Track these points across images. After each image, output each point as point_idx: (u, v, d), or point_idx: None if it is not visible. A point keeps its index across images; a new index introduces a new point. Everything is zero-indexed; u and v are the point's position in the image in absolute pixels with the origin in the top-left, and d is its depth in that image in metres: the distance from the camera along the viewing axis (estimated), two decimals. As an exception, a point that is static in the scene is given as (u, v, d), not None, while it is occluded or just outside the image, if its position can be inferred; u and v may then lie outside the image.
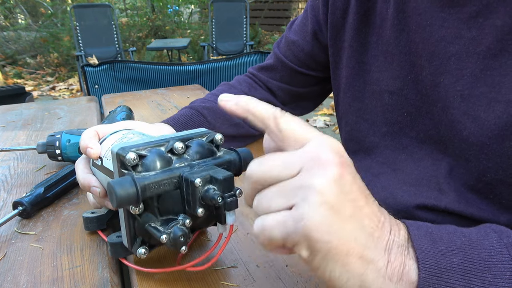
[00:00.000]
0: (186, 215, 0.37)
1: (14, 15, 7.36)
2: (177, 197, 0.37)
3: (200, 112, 0.65)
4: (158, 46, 4.91)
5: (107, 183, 0.33)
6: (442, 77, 0.47)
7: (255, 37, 6.72)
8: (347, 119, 0.63)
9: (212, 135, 0.40)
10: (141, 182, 0.33)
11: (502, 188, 0.45)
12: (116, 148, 0.36)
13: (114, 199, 0.32)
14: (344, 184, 0.28)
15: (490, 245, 0.30)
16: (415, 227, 0.31)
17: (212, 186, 0.35)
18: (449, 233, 0.31)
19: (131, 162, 0.34)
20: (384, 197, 0.56)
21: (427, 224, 0.32)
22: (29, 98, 2.69)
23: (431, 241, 0.29)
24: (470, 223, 0.49)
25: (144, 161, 0.36)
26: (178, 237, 0.34)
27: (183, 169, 0.36)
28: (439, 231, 0.31)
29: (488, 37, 0.43)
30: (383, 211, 0.31)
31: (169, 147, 0.37)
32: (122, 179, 0.33)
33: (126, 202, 0.32)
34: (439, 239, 0.30)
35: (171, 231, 0.35)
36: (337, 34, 0.61)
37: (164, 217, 0.37)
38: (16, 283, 0.40)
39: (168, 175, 0.35)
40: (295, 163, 0.28)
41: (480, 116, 0.44)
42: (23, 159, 0.71)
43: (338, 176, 0.27)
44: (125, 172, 0.35)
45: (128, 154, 0.34)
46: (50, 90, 4.78)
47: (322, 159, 0.28)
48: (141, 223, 0.36)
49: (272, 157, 0.29)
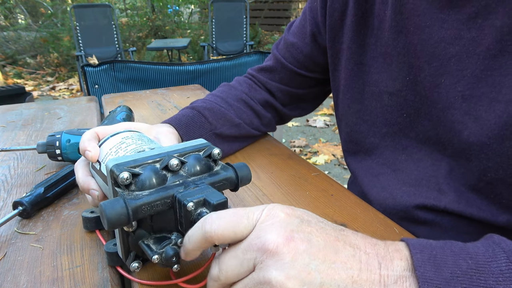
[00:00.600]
0: (179, 234, 0.36)
1: (14, 15, 7.36)
2: (171, 215, 0.36)
3: (202, 113, 0.65)
4: (158, 46, 4.91)
5: (99, 204, 0.33)
6: (443, 78, 0.47)
7: (255, 37, 6.72)
8: (346, 121, 0.63)
9: (210, 149, 0.40)
10: (133, 204, 0.33)
11: (502, 187, 0.45)
12: (111, 164, 0.35)
13: (105, 221, 0.32)
14: (303, 259, 0.28)
15: (498, 268, 0.28)
16: (418, 250, 0.29)
17: (205, 209, 0.34)
18: (455, 255, 0.29)
19: (124, 182, 0.34)
20: (383, 197, 0.56)
21: (431, 244, 0.30)
22: (29, 98, 2.69)
23: (435, 267, 0.28)
24: (469, 222, 0.50)
25: (138, 179, 0.35)
26: (170, 257, 0.34)
27: (177, 188, 0.35)
28: (444, 252, 0.29)
29: (487, 38, 0.43)
30: (364, 244, 0.30)
31: (164, 163, 0.36)
32: (114, 201, 0.32)
33: (117, 224, 0.32)
34: (443, 263, 0.28)
35: (163, 251, 0.34)
36: (335, 36, 0.61)
37: (158, 234, 0.36)
38: (16, 283, 0.40)
39: (161, 196, 0.34)
40: (249, 260, 0.29)
41: (481, 116, 0.44)
42: (23, 159, 0.71)
43: (291, 258, 0.27)
44: (118, 190, 0.35)
45: (122, 174, 0.34)
46: (50, 90, 4.78)
47: (268, 247, 0.28)
48: (134, 239, 0.36)
49: (227, 257, 0.30)
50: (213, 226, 0.30)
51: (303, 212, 0.32)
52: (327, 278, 0.27)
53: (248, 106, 0.72)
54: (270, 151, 0.72)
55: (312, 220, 0.31)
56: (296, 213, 0.31)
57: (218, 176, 0.38)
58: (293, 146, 2.92)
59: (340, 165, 2.60)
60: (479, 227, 0.49)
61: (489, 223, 0.48)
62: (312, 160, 2.63)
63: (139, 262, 0.38)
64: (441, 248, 0.29)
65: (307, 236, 0.29)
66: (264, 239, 0.28)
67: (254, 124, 0.72)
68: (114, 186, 0.35)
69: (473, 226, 0.49)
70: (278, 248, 0.28)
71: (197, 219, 0.33)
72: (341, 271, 0.28)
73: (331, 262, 0.28)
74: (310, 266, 0.27)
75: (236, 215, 0.30)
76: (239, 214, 0.30)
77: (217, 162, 0.40)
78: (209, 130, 0.64)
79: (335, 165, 2.60)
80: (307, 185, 0.60)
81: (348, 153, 0.66)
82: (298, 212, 0.31)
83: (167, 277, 0.40)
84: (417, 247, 0.30)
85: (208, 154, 0.39)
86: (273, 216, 0.30)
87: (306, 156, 2.76)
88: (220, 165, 0.40)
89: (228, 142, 0.68)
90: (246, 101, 0.72)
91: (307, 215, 0.32)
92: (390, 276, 0.28)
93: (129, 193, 0.34)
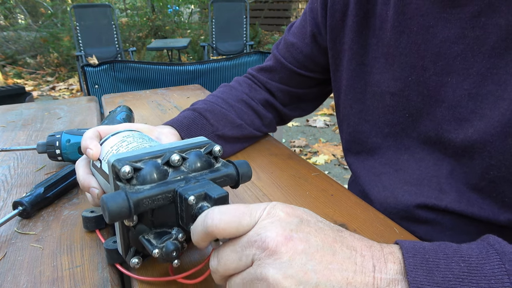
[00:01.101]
0: (179, 228, 0.36)
1: (14, 15, 7.36)
2: (172, 210, 0.36)
3: (203, 115, 0.65)
4: (158, 46, 4.91)
5: (101, 197, 0.33)
6: (449, 76, 0.47)
7: (255, 37, 6.72)
8: (349, 121, 0.63)
9: (211, 146, 0.40)
10: (135, 197, 0.33)
11: (505, 186, 0.45)
12: (112, 159, 0.35)
13: (106, 214, 0.32)
14: (300, 258, 0.28)
15: (491, 270, 0.28)
16: (411, 254, 0.30)
17: (206, 203, 0.34)
18: (447, 258, 0.29)
19: (126, 175, 0.34)
20: (384, 197, 0.56)
21: (424, 247, 0.30)
22: (29, 98, 2.69)
23: (426, 271, 0.28)
24: (470, 222, 0.50)
25: (140, 174, 0.35)
26: (171, 251, 0.34)
27: (178, 183, 0.35)
28: (436, 255, 0.29)
29: (492, 36, 0.43)
30: (361, 246, 0.30)
31: (166, 159, 0.36)
32: (115, 194, 0.33)
33: (119, 217, 0.32)
34: (435, 267, 0.28)
35: (163, 246, 0.34)
36: (336, 37, 0.61)
37: (158, 229, 0.36)
38: (16, 283, 0.40)
39: (162, 190, 0.34)
40: (247, 256, 0.29)
41: (486, 114, 0.45)
42: (23, 159, 0.71)
43: (289, 257, 0.28)
44: (119, 184, 0.35)
45: (123, 168, 0.34)
46: (50, 90, 4.78)
47: (268, 245, 0.28)
48: (135, 234, 0.36)
49: (226, 250, 0.31)
50: (215, 221, 0.30)
51: (303, 212, 0.32)
52: (323, 278, 0.28)
53: (249, 106, 0.72)
54: (270, 151, 0.72)
55: (312, 220, 0.31)
56: (296, 212, 0.31)
57: (219, 172, 0.38)
58: (293, 146, 2.92)
59: (340, 165, 2.60)
60: (480, 226, 0.49)
61: (490, 222, 0.48)
62: (312, 160, 2.63)
63: (139, 258, 0.38)
64: (434, 252, 0.30)
65: (305, 236, 0.29)
66: (264, 237, 0.28)
67: (256, 125, 0.72)
68: (115, 181, 0.35)
69: (474, 225, 0.49)
70: (277, 247, 0.28)
71: (198, 213, 0.33)
72: (336, 272, 0.28)
73: (327, 263, 0.28)
74: (307, 266, 0.28)
75: (239, 211, 0.30)
76: (241, 211, 0.30)
77: (217, 159, 0.40)
78: (211, 131, 0.64)
79: (335, 165, 2.60)
80: (307, 185, 0.60)
81: (350, 153, 0.66)
82: (298, 212, 0.31)
83: (166, 274, 0.40)
84: (410, 250, 0.30)
85: (209, 151, 0.40)
86: (273, 215, 0.30)
87: (306, 156, 2.76)
88: (221, 162, 0.40)
89: (230, 144, 0.68)
90: (247, 102, 0.72)
91: (307, 214, 0.32)
92: (383, 279, 0.28)
93: (130, 187, 0.34)
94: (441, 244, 0.31)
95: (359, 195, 0.61)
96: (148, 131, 0.53)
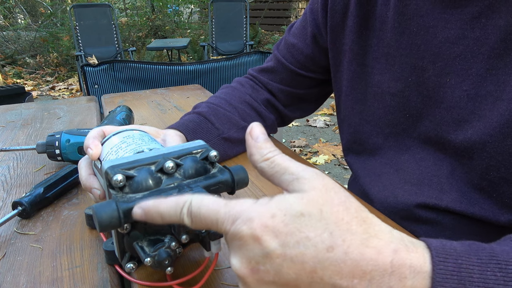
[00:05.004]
0: (172, 237, 0.36)
1: (13, 15, 7.36)
2: None
3: (208, 118, 0.64)
4: (158, 46, 4.91)
5: (92, 206, 0.33)
6: (448, 77, 0.48)
7: (255, 37, 6.72)
8: (350, 121, 0.63)
9: (207, 151, 0.39)
10: (125, 207, 0.32)
11: (505, 186, 0.45)
12: (106, 166, 0.35)
13: (96, 224, 0.32)
14: None
15: None
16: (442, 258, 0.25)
17: None
18: (482, 264, 0.25)
19: (118, 184, 0.34)
20: (385, 196, 0.56)
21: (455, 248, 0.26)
22: (29, 98, 2.69)
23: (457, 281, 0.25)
24: (471, 222, 0.50)
25: (132, 181, 0.35)
26: (163, 260, 0.34)
27: (171, 191, 0.35)
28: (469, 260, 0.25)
29: (491, 37, 0.43)
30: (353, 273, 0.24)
31: (159, 166, 0.36)
32: (106, 203, 0.32)
33: (109, 227, 0.32)
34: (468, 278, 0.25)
35: (156, 254, 0.34)
36: (336, 37, 0.61)
37: (152, 237, 0.36)
38: (15, 283, 0.40)
39: None
40: None
41: (485, 115, 0.45)
42: (23, 159, 0.71)
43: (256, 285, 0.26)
44: (112, 192, 0.35)
45: (115, 176, 0.34)
46: (49, 90, 4.78)
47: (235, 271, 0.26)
48: (129, 240, 0.36)
49: None
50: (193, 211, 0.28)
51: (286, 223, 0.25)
52: None
53: (252, 108, 0.72)
54: (270, 151, 0.72)
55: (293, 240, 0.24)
56: (272, 232, 0.25)
57: (214, 179, 0.38)
58: (293, 146, 2.92)
59: (340, 165, 2.60)
60: (480, 226, 0.49)
61: (490, 222, 0.48)
62: (312, 160, 2.63)
63: (134, 263, 0.38)
64: (467, 254, 0.25)
65: (275, 268, 0.25)
66: (231, 262, 0.27)
67: None
68: (108, 188, 0.35)
69: (474, 225, 0.49)
70: (244, 278, 0.26)
71: None
72: None
73: None
74: None
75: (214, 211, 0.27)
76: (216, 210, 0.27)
77: (214, 165, 0.40)
78: (216, 135, 0.64)
79: (335, 165, 2.60)
80: (308, 185, 0.59)
81: (350, 153, 0.65)
82: (278, 228, 0.25)
83: (164, 276, 0.40)
84: (441, 252, 0.25)
85: (205, 157, 0.39)
86: (240, 237, 0.25)
87: (306, 156, 2.76)
88: (217, 168, 0.40)
89: (236, 146, 0.68)
90: (249, 103, 0.71)
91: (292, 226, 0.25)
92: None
93: (122, 195, 0.34)
94: (471, 244, 0.27)
95: (359, 195, 0.61)
96: (153, 134, 0.52)
